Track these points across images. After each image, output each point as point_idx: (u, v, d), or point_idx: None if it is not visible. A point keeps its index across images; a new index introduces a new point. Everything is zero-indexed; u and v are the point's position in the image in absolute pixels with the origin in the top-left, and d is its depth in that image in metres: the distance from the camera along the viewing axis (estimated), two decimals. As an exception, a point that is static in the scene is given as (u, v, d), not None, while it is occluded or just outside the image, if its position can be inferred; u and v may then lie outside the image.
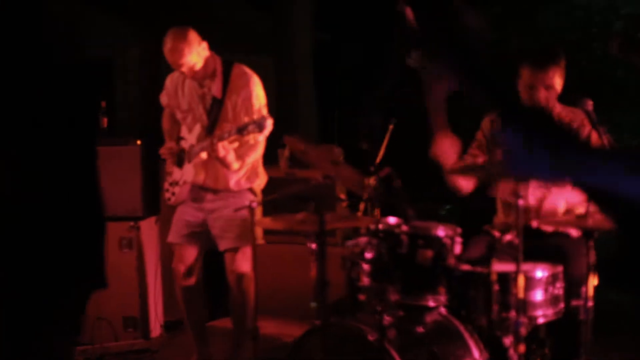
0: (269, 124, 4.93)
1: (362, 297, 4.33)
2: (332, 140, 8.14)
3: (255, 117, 4.99)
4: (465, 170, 4.69)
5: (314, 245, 4.86)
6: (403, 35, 4.04)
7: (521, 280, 4.07)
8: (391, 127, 5.92)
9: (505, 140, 1.73)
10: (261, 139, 5.18)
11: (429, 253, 4.26)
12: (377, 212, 5.57)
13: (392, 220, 4.38)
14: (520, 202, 4.04)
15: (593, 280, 4.24)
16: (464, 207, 6.45)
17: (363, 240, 4.75)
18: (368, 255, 4.28)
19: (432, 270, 4.26)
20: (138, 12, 9.87)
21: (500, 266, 4.19)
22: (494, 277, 4.03)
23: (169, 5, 8.50)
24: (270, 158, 6.62)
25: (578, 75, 5.04)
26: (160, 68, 7.71)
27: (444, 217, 5.43)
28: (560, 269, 4.38)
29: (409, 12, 4.05)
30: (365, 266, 4.28)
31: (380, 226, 4.32)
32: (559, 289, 4.35)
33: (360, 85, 8.62)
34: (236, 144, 5.18)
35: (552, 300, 4.32)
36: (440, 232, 4.30)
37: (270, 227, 5.00)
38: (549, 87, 4.64)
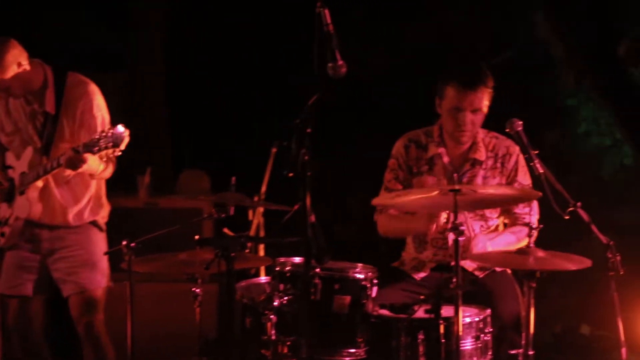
0: (126, 135, 4.13)
1: (267, 352, 3.67)
2: (185, 164, 7.49)
3: (104, 129, 4.18)
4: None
5: (198, 290, 4.18)
6: (322, 41, 3.45)
7: (458, 327, 3.51)
8: (274, 150, 5.32)
9: None
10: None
11: (347, 299, 3.65)
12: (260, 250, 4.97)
13: (298, 260, 3.75)
14: (460, 237, 3.49)
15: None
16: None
17: (260, 282, 4.12)
18: (275, 303, 3.63)
19: (350, 319, 3.67)
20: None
21: (421, 311, 3.64)
22: (442, 327, 3.44)
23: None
24: (123, 186, 5.88)
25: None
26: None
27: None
28: (488, 312, 3.85)
29: (326, 14, 3.46)
30: (272, 316, 3.62)
31: (288, 268, 3.68)
32: (487, 335, 3.83)
33: (217, 106, 7.99)
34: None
35: (482, 349, 3.79)
36: (359, 274, 3.70)
37: (146, 270, 4.22)
38: (477, 110, 4.14)
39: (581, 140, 7.80)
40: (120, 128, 4.10)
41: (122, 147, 4.11)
